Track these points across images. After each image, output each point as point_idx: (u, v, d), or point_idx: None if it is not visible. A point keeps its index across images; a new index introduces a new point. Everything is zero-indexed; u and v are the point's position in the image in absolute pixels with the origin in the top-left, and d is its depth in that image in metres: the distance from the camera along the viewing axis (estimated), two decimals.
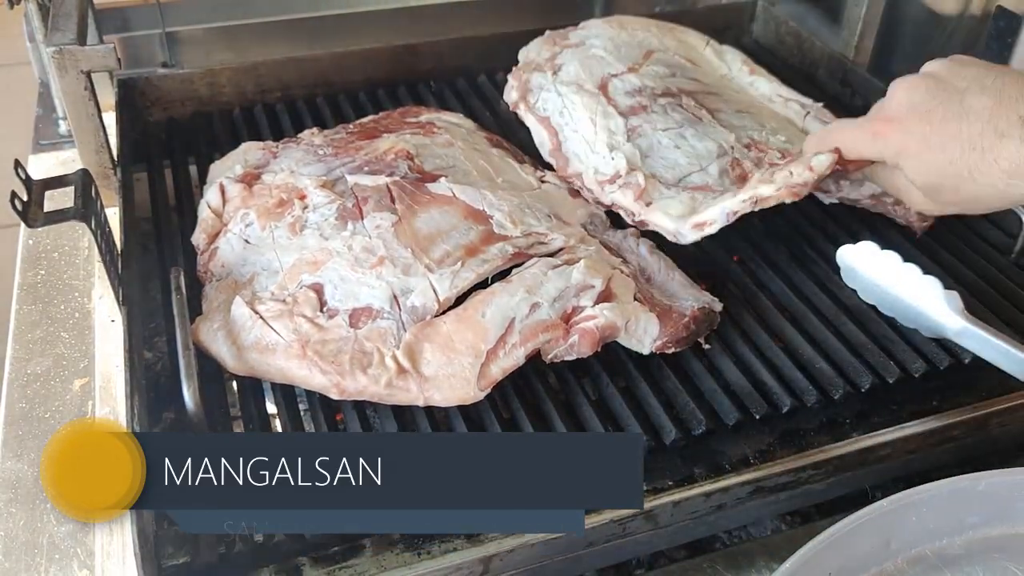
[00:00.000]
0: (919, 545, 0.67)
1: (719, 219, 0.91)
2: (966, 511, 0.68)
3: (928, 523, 0.67)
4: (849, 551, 0.64)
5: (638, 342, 0.83)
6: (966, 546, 0.68)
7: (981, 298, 0.95)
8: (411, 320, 0.80)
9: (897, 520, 0.66)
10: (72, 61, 0.99)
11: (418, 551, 0.74)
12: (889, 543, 0.66)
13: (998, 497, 0.68)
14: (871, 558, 0.65)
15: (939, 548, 0.68)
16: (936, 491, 0.67)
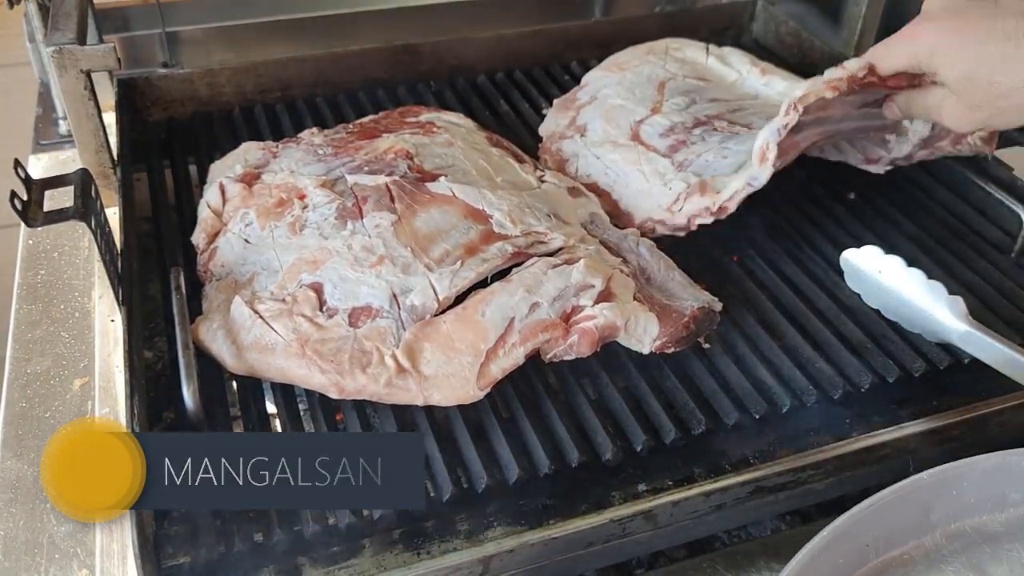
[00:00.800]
0: (959, 520, 0.66)
1: (772, 137, 0.90)
2: (1009, 487, 0.67)
3: (969, 498, 0.66)
4: (888, 523, 0.63)
5: (638, 342, 0.83)
6: (1007, 524, 0.67)
7: (982, 297, 0.95)
8: (411, 319, 0.80)
9: (937, 493, 0.65)
10: (72, 61, 0.99)
11: (417, 551, 0.74)
12: (928, 516, 0.65)
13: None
14: (910, 531, 0.65)
15: (979, 524, 0.66)
16: (979, 466, 0.66)
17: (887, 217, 1.07)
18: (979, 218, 1.07)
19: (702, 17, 1.45)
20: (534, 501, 0.77)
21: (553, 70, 1.35)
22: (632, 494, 0.78)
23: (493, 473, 0.76)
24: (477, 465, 0.77)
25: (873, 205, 1.09)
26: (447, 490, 0.75)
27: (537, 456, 0.78)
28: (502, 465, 0.77)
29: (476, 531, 0.75)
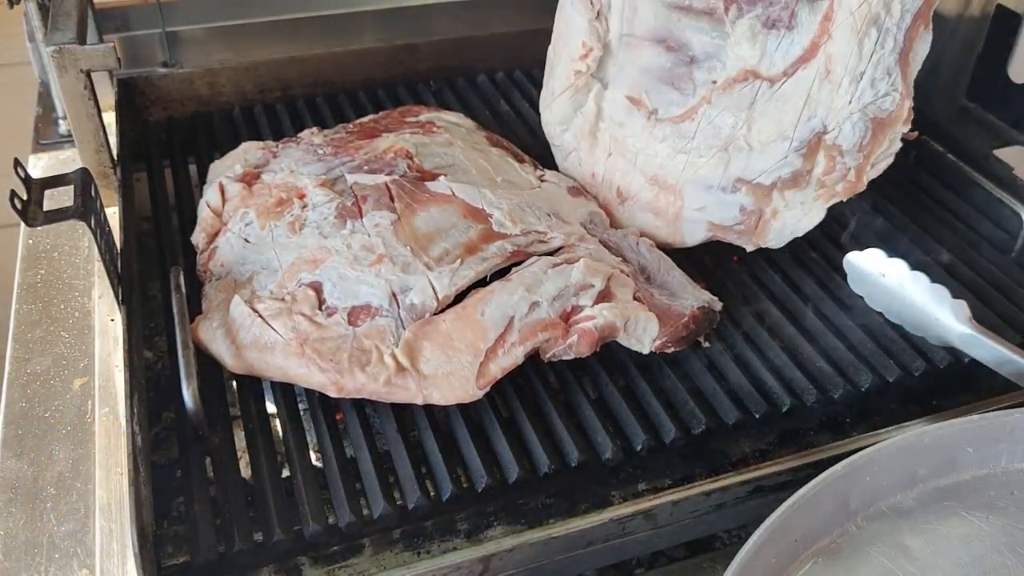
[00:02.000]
0: (876, 502, 0.69)
1: None
2: (915, 465, 0.70)
3: (881, 480, 0.69)
4: (812, 515, 0.66)
5: (638, 342, 0.83)
6: (918, 498, 0.70)
7: (982, 297, 0.95)
8: (410, 318, 0.80)
9: (852, 481, 0.68)
10: (72, 60, 0.99)
11: (417, 551, 0.74)
12: (848, 503, 0.68)
13: (942, 448, 0.71)
14: (833, 520, 0.67)
15: (894, 503, 0.70)
16: (885, 450, 0.69)
17: (887, 216, 1.07)
18: (979, 217, 1.07)
19: None
20: (534, 500, 0.77)
21: None
22: (632, 493, 0.78)
23: (493, 472, 0.76)
24: (477, 464, 0.76)
25: (873, 204, 1.09)
26: (447, 489, 0.75)
27: (537, 455, 0.78)
28: (502, 464, 0.77)
29: (476, 530, 0.75)
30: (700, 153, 0.92)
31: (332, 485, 0.75)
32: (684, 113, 0.92)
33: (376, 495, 0.74)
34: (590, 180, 1.00)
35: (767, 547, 0.63)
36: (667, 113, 0.93)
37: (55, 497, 0.83)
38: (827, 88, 0.85)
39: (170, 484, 0.79)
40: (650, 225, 0.97)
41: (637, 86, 0.95)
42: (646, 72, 0.93)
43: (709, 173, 0.92)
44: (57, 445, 0.88)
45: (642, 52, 0.93)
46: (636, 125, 0.95)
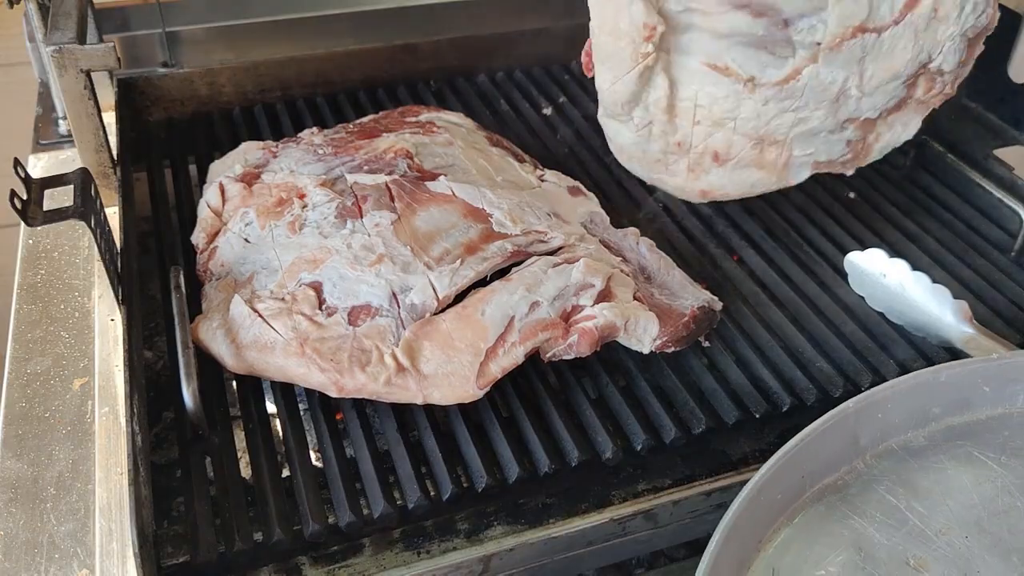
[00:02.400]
0: (886, 440, 0.69)
1: None
2: (929, 403, 0.70)
3: (894, 418, 0.69)
4: (820, 452, 0.65)
5: (638, 341, 0.83)
6: (930, 436, 0.70)
7: (982, 296, 0.95)
8: (410, 318, 0.80)
9: (863, 418, 0.67)
10: (72, 60, 0.99)
11: (417, 550, 0.74)
12: (858, 440, 0.68)
13: (957, 386, 0.70)
14: (841, 457, 0.67)
15: (905, 441, 0.69)
16: (899, 386, 0.68)
17: (887, 216, 1.07)
18: (979, 217, 1.07)
19: None
20: (534, 500, 0.77)
21: (553, 70, 1.35)
22: (632, 493, 0.78)
23: (493, 472, 0.76)
24: (477, 464, 0.76)
25: (873, 204, 1.09)
26: (447, 489, 0.75)
27: (537, 455, 0.78)
28: (502, 464, 0.77)
29: (476, 530, 0.75)
30: (810, 108, 0.94)
31: (332, 485, 0.75)
32: (787, 76, 0.93)
33: (376, 495, 0.74)
34: (675, 149, 0.98)
35: (772, 483, 0.62)
36: (766, 77, 0.93)
37: (55, 497, 0.83)
38: (934, 25, 0.89)
39: (170, 484, 0.79)
40: (752, 179, 0.98)
41: (717, 53, 0.94)
42: (728, 38, 0.92)
43: (819, 123, 0.94)
44: (57, 445, 0.88)
45: (722, 20, 0.92)
46: (724, 91, 0.94)
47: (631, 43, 0.93)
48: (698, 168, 0.98)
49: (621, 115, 0.97)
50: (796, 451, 0.63)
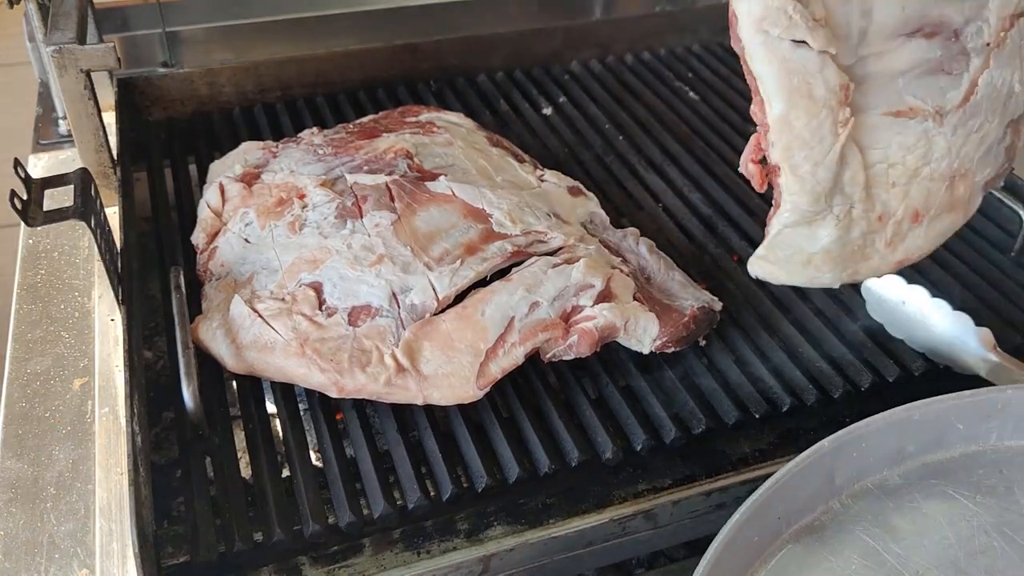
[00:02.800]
0: (862, 479, 0.69)
1: None
2: (904, 441, 0.69)
3: (869, 456, 0.68)
4: (797, 492, 0.65)
5: (637, 342, 0.83)
6: (905, 475, 0.69)
7: (982, 297, 0.95)
8: (410, 318, 0.80)
9: (839, 457, 0.67)
10: (72, 60, 0.99)
11: (417, 550, 0.74)
12: (833, 480, 0.67)
13: (932, 424, 0.70)
14: (817, 497, 0.67)
15: (880, 480, 0.69)
16: (874, 425, 0.68)
17: None
18: (979, 217, 1.07)
19: (702, 17, 1.45)
20: (534, 500, 0.77)
21: (553, 70, 1.35)
22: (632, 493, 0.78)
23: (493, 472, 0.76)
24: (477, 464, 0.76)
25: None
26: (447, 489, 0.75)
27: (537, 455, 0.78)
28: (502, 464, 0.77)
29: (476, 530, 0.75)
30: (989, 121, 0.85)
31: (332, 485, 0.75)
32: (966, 92, 0.83)
33: (376, 495, 0.74)
34: (876, 227, 0.84)
35: (749, 525, 0.62)
36: (950, 103, 0.83)
37: (55, 497, 0.83)
38: None
39: (170, 484, 0.79)
40: (945, 227, 0.87)
41: (898, 96, 0.82)
42: (906, 74, 0.82)
43: (995, 135, 0.86)
44: (57, 445, 0.88)
45: (897, 56, 0.81)
46: (914, 137, 0.83)
47: (830, 113, 0.79)
48: (896, 238, 0.86)
49: (821, 212, 0.82)
50: (772, 491, 0.63)
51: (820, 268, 0.83)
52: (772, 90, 0.78)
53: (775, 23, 0.76)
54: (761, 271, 0.83)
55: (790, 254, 0.82)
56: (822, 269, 0.83)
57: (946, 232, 0.88)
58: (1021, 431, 0.72)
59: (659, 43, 1.41)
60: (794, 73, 0.78)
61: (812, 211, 0.80)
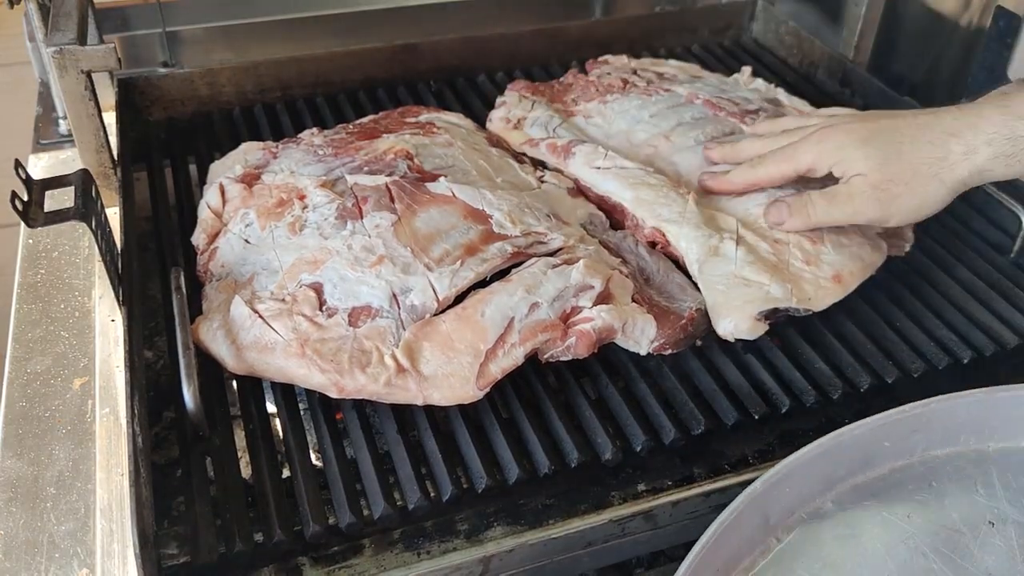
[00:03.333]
0: (795, 511, 0.68)
1: None
2: (833, 468, 0.69)
3: (801, 489, 0.68)
4: (733, 541, 0.64)
5: (635, 343, 0.83)
6: (837, 500, 0.69)
7: (980, 298, 0.95)
8: (410, 319, 0.80)
9: (772, 497, 0.66)
10: (72, 61, 0.99)
11: (417, 551, 0.74)
12: (768, 520, 0.67)
13: (859, 446, 0.70)
14: (754, 540, 0.66)
15: (813, 509, 0.69)
16: (802, 457, 0.67)
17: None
18: (979, 218, 1.07)
19: (702, 17, 1.45)
20: (534, 501, 0.78)
21: (553, 70, 1.35)
22: (631, 494, 0.79)
23: (493, 473, 0.76)
24: (477, 465, 0.77)
25: None
26: (447, 490, 0.75)
27: (537, 456, 0.78)
28: (502, 465, 0.77)
29: (476, 531, 0.75)
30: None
31: (332, 486, 0.75)
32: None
33: (376, 496, 0.74)
34: (779, 246, 0.93)
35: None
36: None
37: (55, 497, 0.83)
38: None
39: (170, 484, 0.79)
40: (858, 250, 0.94)
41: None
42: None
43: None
44: (57, 445, 0.88)
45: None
46: (763, 198, 0.97)
47: (670, 187, 0.97)
48: (810, 256, 0.92)
49: (712, 235, 0.93)
50: (711, 542, 0.62)
51: (760, 279, 0.88)
52: (617, 189, 0.98)
53: (594, 159, 1.02)
54: (727, 325, 0.86)
55: (726, 287, 0.87)
56: (762, 278, 0.87)
57: (861, 255, 0.93)
58: (948, 439, 0.72)
59: (659, 43, 1.42)
60: (628, 177, 0.99)
61: (704, 235, 0.91)
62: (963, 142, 0.81)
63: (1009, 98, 0.82)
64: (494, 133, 1.12)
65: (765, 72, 1.33)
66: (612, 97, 1.16)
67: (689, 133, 1.08)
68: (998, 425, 0.72)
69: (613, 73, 1.23)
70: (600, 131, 1.11)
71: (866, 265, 0.92)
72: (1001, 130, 0.80)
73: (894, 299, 0.94)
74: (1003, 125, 0.80)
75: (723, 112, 1.12)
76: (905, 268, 0.97)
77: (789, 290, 0.87)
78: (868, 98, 1.25)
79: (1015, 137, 0.80)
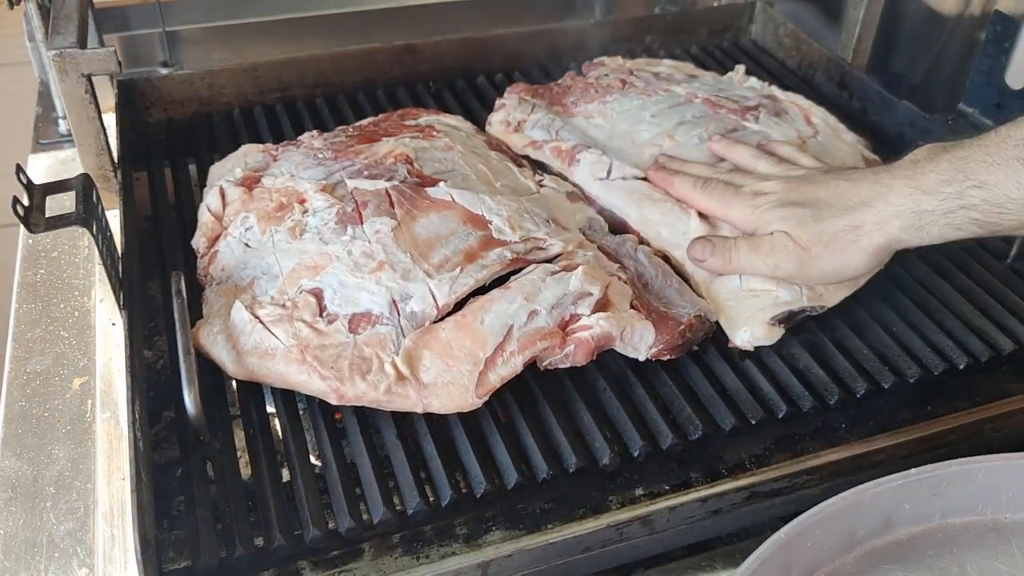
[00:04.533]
0: (817, 569, 0.68)
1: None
2: (855, 525, 0.69)
3: (824, 543, 0.68)
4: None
5: (634, 349, 0.84)
6: (857, 562, 0.69)
7: (977, 303, 0.95)
8: (410, 325, 0.81)
9: (795, 548, 0.66)
10: (73, 64, 0.99)
11: (416, 555, 0.74)
12: (790, 573, 0.67)
13: (881, 506, 0.70)
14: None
15: (834, 569, 0.69)
16: (827, 510, 0.67)
17: None
18: None
19: (701, 18, 1.45)
20: (532, 505, 0.78)
21: (553, 72, 1.35)
22: (629, 499, 0.79)
23: (492, 478, 0.77)
24: (476, 470, 0.77)
25: None
26: (446, 495, 0.75)
27: (535, 461, 0.78)
28: (501, 470, 0.78)
29: (475, 535, 0.76)
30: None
31: (332, 490, 0.76)
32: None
33: (376, 500, 0.74)
34: None
35: None
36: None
37: (55, 496, 0.84)
38: None
39: (170, 485, 0.80)
40: None
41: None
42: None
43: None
44: (57, 444, 0.88)
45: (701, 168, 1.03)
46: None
47: (673, 204, 0.99)
48: None
49: None
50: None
51: (766, 287, 0.90)
52: (623, 206, 1.00)
53: (598, 169, 1.03)
54: (743, 335, 0.88)
55: (736, 301, 0.90)
56: (768, 286, 0.90)
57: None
58: (966, 508, 0.72)
59: (658, 44, 1.42)
60: (633, 192, 1.00)
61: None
62: (875, 212, 0.83)
63: (917, 168, 0.83)
64: (494, 136, 1.13)
65: (763, 74, 1.34)
66: (612, 98, 1.16)
67: (692, 131, 1.09)
68: (1015, 495, 0.73)
69: (610, 74, 1.23)
70: (602, 132, 1.12)
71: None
72: (907, 203, 0.82)
73: (891, 304, 0.95)
74: (909, 198, 0.82)
75: (723, 109, 1.12)
76: (902, 273, 0.98)
77: (799, 291, 0.89)
78: (866, 101, 1.25)
79: (920, 211, 0.81)
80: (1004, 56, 1.21)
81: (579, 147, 1.06)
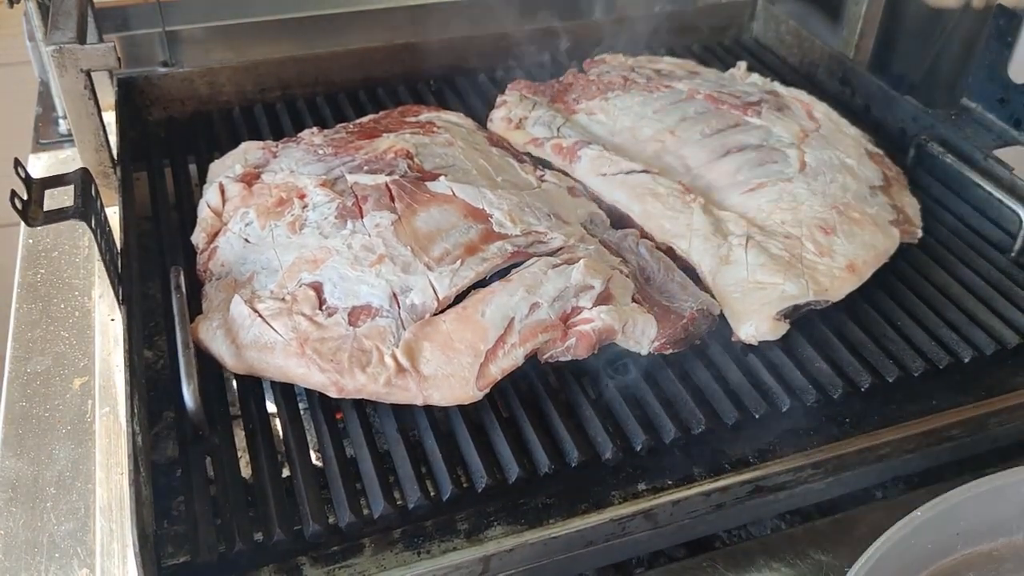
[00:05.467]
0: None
1: None
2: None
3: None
4: (978, 515, 0.63)
5: (636, 343, 0.83)
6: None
7: (981, 296, 0.95)
8: (410, 318, 0.80)
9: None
10: (72, 60, 0.99)
11: (417, 550, 0.74)
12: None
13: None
14: (999, 528, 0.65)
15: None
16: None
17: None
18: (979, 218, 1.07)
19: (703, 16, 1.45)
20: (534, 500, 0.77)
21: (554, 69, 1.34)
22: (632, 493, 0.78)
23: (493, 472, 0.76)
24: (477, 464, 0.77)
25: None
26: (447, 489, 0.75)
27: (537, 455, 0.78)
28: (502, 464, 0.77)
29: (476, 530, 0.75)
30: (836, 176, 1.05)
31: (332, 485, 0.75)
32: (799, 164, 1.06)
33: (376, 495, 0.74)
34: (790, 242, 0.95)
35: (925, 528, 0.61)
36: (792, 171, 1.05)
37: (55, 497, 0.83)
38: None
39: (170, 483, 0.79)
40: (870, 238, 0.97)
41: (743, 183, 1.04)
42: (740, 171, 1.05)
43: (852, 185, 1.06)
44: (57, 444, 0.88)
45: (720, 167, 1.05)
46: (774, 196, 1.01)
47: (676, 196, 0.99)
48: (823, 248, 0.95)
49: (721, 244, 0.95)
50: (959, 501, 0.62)
51: (773, 279, 0.90)
52: (626, 201, 0.99)
53: (600, 165, 1.03)
54: (748, 329, 0.88)
55: (742, 293, 0.90)
56: (775, 279, 0.90)
57: (874, 243, 0.96)
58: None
59: (659, 42, 1.41)
60: (636, 187, 1.00)
61: (713, 246, 0.93)
62: None
63: None
64: (495, 133, 1.12)
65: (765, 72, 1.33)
66: (614, 94, 1.16)
67: (694, 127, 1.09)
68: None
69: (612, 71, 1.23)
70: (604, 128, 1.12)
71: (879, 253, 0.94)
72: None
73: (895, 298, 0.94)
74: None
75: (725, 106, 1.12)
76: (906, 267, 0.97)
77: (805, 284, 0.88)
78: (868, 97, 1.25)
79: None
80: (1007, 50, 1.20)
81: (580, 143, 1.06)
